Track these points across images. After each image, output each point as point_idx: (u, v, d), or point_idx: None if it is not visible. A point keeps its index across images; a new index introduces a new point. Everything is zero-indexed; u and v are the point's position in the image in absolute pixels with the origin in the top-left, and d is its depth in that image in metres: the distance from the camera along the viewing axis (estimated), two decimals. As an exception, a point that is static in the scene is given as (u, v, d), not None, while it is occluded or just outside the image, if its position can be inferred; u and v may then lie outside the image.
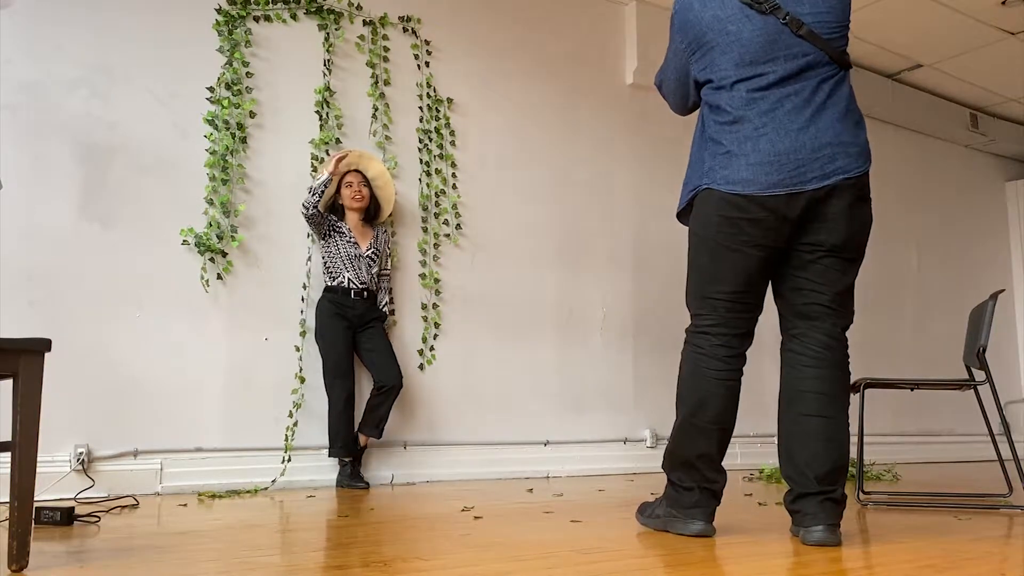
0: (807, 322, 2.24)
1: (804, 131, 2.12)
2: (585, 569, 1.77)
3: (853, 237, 2.20)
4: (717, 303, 2.25)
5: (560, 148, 5.02)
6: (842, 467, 2.15)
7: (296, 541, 2.22)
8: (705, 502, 2.24)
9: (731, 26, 2.20)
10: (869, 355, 6.34)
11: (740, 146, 2.16)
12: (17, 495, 1.73)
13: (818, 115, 2.14)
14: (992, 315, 3.22)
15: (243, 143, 3.99)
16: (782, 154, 2.12)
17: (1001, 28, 5.68)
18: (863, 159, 2.17)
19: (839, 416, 2.18)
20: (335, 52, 4.33)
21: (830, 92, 2.18)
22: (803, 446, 2.16)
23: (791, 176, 2.11)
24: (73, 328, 3.49)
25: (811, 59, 2.17)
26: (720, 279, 2.23)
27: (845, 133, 2.15)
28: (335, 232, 4.02)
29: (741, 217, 2.16)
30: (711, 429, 2.22)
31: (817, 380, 2.19)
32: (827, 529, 2.11)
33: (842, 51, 2.23)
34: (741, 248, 2.18)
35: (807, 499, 2.14)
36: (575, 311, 4.93)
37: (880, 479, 4.34)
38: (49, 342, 1.80)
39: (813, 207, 2.15)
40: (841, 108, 2.17)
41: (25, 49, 3.57)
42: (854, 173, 2.14)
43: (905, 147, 6.97)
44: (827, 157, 2.12)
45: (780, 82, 2.16)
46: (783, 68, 2.16)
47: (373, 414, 3.94)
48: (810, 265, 2.21)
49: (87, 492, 3.34)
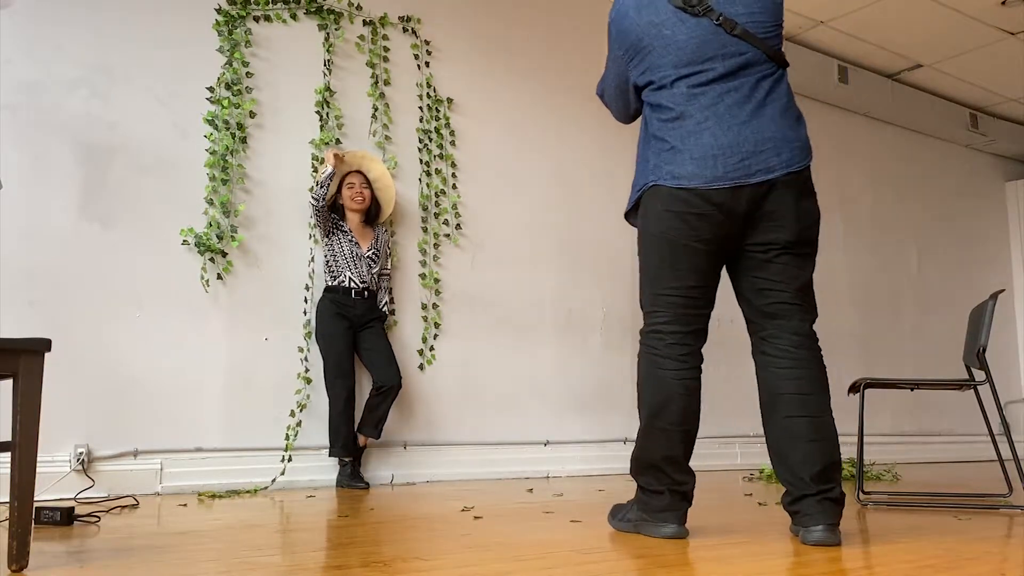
0: (774, 322, 2.23)
1: (746, 125, 2.15)
2: (585, 569, 1.77)
3: (804, 232, 2.20)
4: (670, 300, 2.24)
5: (560, 148, 5.02)
6: (835, 464, 2.14)
7: (296, 541, 2.22)
8: (675, 505, 2.23)
9: (666, 30, 2.24)
10: (869, 355, 6.35)
11: (683, 141, 2.18)
12: (17, 495, 1.73)
13: (759, 111, 2.17)
14: (992, 315, 3.22)
15: (243, 143, 3.99)
16: (725, 148, 2.14)
17: (1001, 28, 5.68)
18: (804, 154, 2.20)
19: (824, 414, 2.17)
20: (335, 52, 4.33)
21: (769, 89, 2.20)
22: (793, 448, 2.15)
23: (735, 169, 2.13)
24: (73, 328, 3.49)
25: (748, 57, 2.20)
26: (671, 275, 2.23)
27: (786, 129, 2.18)
28: (338, 231, 4.02)
29: (688, 212, 2.17)
30: (674, 431, 2.21)
31: (796, 381, 2.18)
32: (827, 529, 2.10)
33: (777, 50, 2.25)
34: (690, 243, 2.19)
35: (805, 500, 2.14)
36: (575, 311, 4.93)
37: (880, 479, 4.34)
38: (49, 342, 1.80)
39: (759, 203, 2.16)
40: (781, 104, 2.20)
41: (25, 49, 3.57)
42: (796, 167, 2.16)
43: (905, 147, 6.97)
44: (770, 152, 2.14)
45: (720, 79, 2.18)
46: (722, 66, 2.19)
47: (372, 414, 3.95)
48: (767, 265, 2.21)
49: (87, 492, 3.34)
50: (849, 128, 6.60)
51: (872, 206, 6.64)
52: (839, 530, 2.14)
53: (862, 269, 6.47)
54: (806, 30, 5.75)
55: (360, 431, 3.95)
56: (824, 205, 6.85)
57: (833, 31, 5.76)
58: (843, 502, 2.15)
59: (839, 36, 5.83)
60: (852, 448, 3.53)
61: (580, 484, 4.12)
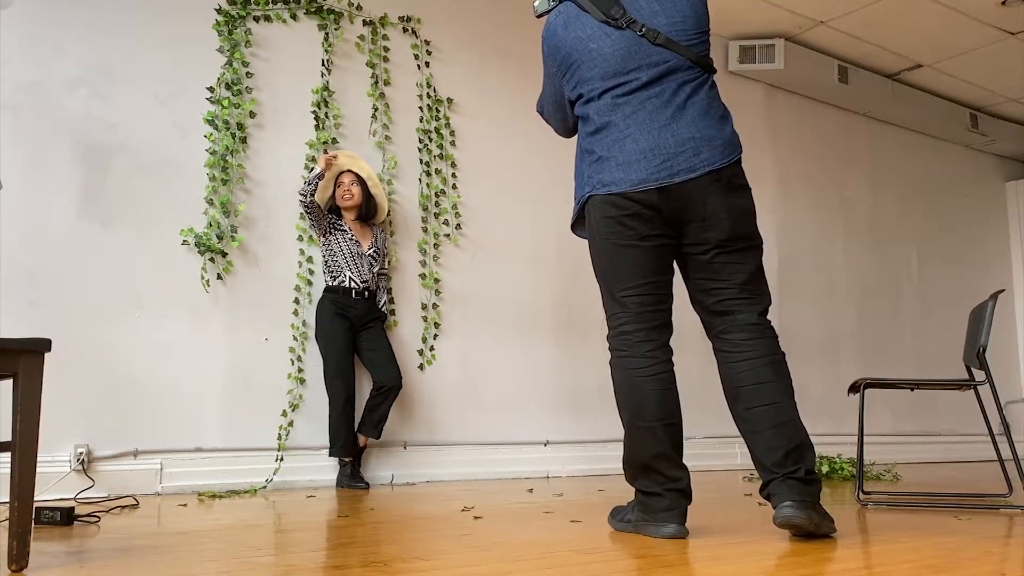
0: (723, 318, 2.27)
1: (666, 128, 2.22)
2: (585, 569, 1.77)
3: (737, 227, 2.24)
4: (627, 300, 2.29)
5: (560, 148, 5.01)
6: (797, 447, 2.15)
7: (296, 541, 2.22)
8: (675, 504, 2.24)
9: (592, 44, 2.31)
10: (869, 355, 6.35)
11: (608, 150, 2.26)
12: (17, 495, 1.73)
13: (679, 113, 2.23)
14: (992, 315, 3.22)
15: (243, 143, 3.99)
16: (646, 151, 2.21)
17: (1001, 28, 5.68)
18: (729, 150, 2.24)
19: (782, 400, 2.19)
20: (335, 52, 4.33)
21: (691, 92, 2.26)
22: (755, 438, 2.19)
23: (658, 170, 2.19)
24: (73, 328, 3.49)
25: (671, 64, 2.27)
26: (623, 277, 2.29)
27: (708, 128, 2.24)
28: (336, 230, 4.02)
29: (622, 214, 2.24)
30: (657, 427, 2.24)
31: (750, 372, 2.21)
32: (795, 505, 2.10)
33: (702, 55, 2.31)
34: (631, 243, 2.25)
35: (772, 483, 2.16)
36: (575, 311, 4.92)
37: (880, 479, 4.34)
38: (49, 342, 1.80)
39: (687, 203, 2.21)
40: (702, 106, 2.26)
41: (25, 49, 3.57)
42: (719, 164, 2.21)
43: (905, 147, 6.97)
44: (691, 151, 2.20)
45: (643, 87, 2.26)
46: (645, 75, 2.26)
47: (372, 414, 3.95)
48: (707, 265, 2.26)
49: (87, 492, 3.34)
50: (849, 128, 6.59)
51: (872, 206, 6.64)
52: (816, 511, 2.13)
53: (862, 269, 6.47)
54: (806, 30, 5.75)
55: (360, 431, 3.95)
56: (824, 205, 6.87)
57: (833, 31, 5.76)
58: (813, 481, 2.15)
59: (839, 36, 5.83)
60: (852, 448, 3.54)
61: (580, 484, 4.12)
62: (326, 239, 4.02)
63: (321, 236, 4.03)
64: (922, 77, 6.51)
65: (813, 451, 2.21)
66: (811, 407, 5.79)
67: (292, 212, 4.10)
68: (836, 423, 5.73)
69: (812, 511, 2.12)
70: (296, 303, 4.04)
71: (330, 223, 4.03)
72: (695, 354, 3.28)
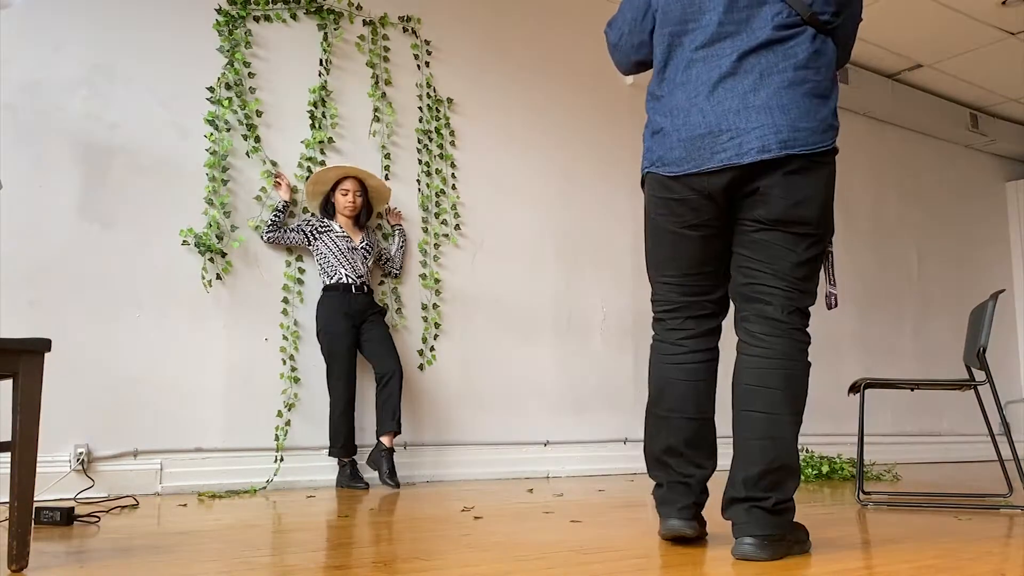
0: (751, 305, 2.00)
1: (742, 98, 1.95)
2: (585, 569, 1.77)
3: (793, 210, 1.94)
4: (666, 287, 2.12)
5: (560, 148, 5.02)
6: (777, 469, 1.89)
7: (296, 541, 2.22)
8: (674, 498, 2.05)
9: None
10: (869, 355, 6.35)
11: (672, 120, 2.02)
12: (17, 495, 1.73)
13: (761, 82, 1.94)
14: (992, 315, 3.22)
15: (257, 142, 4.00)
16: (713, 127, 1.95)
17: (1001, 28, 5.68)
18: (814, 137, 1.94)
19: (780, 412, 1.92)
20: (335, 52, 4.33)
21: (783, 56, 1.96)
22: (737, 446, 1.95)
23: (723, 149, 1.94)
24: (73, 328, 3.49)
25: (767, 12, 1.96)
26: (664, 263, 2.11)
27: (793, 108, 1.93)
28: (321, 233, 4.00)
29: (671, 197, 2.03)
30: (673, 418, 2.05)
31: (756, 372, 1.95)
32: (756, 543, 1.86)
33: (815, 9, 1.99)
34: (676, 229, 2.05)
35: (735, 506, 1.92)
36: (575, 311, 4.93)
37: (880, 479, 4.34)
38: (49, 342, 1.80)
39: (747, 181, 1.95)
40: (793, 77, 1.95)
41: (25, 49, 3.57)
42: (797, 150, 1.91)
43: (905, 147, 6.98)
44: (769, 129, 1.91)
45: (727, 37, 1.98)
46: (733, 22, 1.98)
47: (385, 408, 3.90)
48: (750, 241, 1.99)
49: (87, 492, 3.34)
50: (849, 128, 6.59)
51: (872, 206, 6.64)
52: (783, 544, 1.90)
53: (862, 269, 6.47)
54: (806, 30, 5.75)
55: (380, 433, 3.89)
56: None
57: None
58: (784, 512, 1.91)
59: (839, 36, 5.83)
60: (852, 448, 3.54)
61: (580, 484, 4.12)
62: (314, 244, 4.02)
63: (308, 245, 4.03)
64: (922, 77, 6.51)
65: (797, 478, 1.95)
66: (811, 407, 5.78)
67: (293, 212, 4.11)
68: (836, 423, 5.73)
69: (778, 545, 1.88)
70: (286, 303, 4.04)
71: (313, 228, 4.02)
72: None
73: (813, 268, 2.00)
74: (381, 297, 4.28)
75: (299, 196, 4.13)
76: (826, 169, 1.97)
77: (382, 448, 3.87)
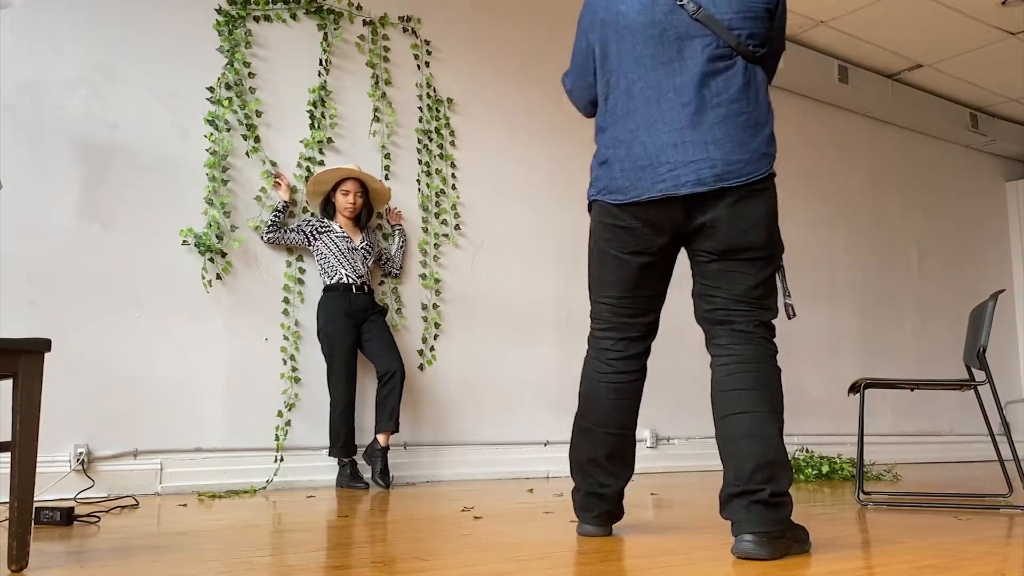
0: (719, 327, 2.09)
1: (680, 132, 2.03)
2: (585, 569, 1.77)
3: (741, 239, 2.02)
4: (603, 307, 2.23)
5: (560, 147, 5.02)
6: (768, 464, 1.92)
7: (296, 541, 2.22)
8: (590, 506, 2.23)
9: (621, 5, 2.13)
10: (869, 355, 6.35)
11: (615, 150, 2.12)
12: (17, 495, 1.73)
13: (700, 114, 2.02)
14: (992, 315, 3.22)
15: (257, 142, 4.00)
16: (653, 158, 2.04)
17: (1001, 28, 5.68)
18: (751, 167, 2.01)
19: (760, 409, 1.97)
20: (335, 52, 4.33)
21: (722, 88, 2.02)
22: (725, 447, 1.99)
23: (663, 180, 2.02)
24: (73, 328, 3.49)
25: (702, 44, 2.03)
26: (604, 284, 2.21)
27: (730, 139, 2.01)
28: (322, 233, 4.00)
29: (616, 224, 2.13)
30: (597, 431, 2.20)
31: (731, 377, 2.03)
32: (756, 540, 1.88)
33: (745, 41, 2.04)
34: (620, 254, 2.15)
35: (733, 503, 1.95)
36: (575, 311, 4.92)
37: (880, 479, 4.34)
38: (49, 342, 1.80)
39: (692, 214, 2.03)
40: (732, 107, 2.02)
41: (25, 49, 3.57)
42: (734, 183, 1.99)
43: (905, 147, 6.98)
44: (705, 163, 1.99)
45: (664, 72, 2.05)
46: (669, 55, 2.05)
47: (384, 407, 3.91)
48: (707, 272, 2.09)
49: (87, 492, 3.34)
50: (849, 128, 6.60)
51: (872, 206, 6.64)
52: (783, 541, 1.92)
53: (862, 269, 6.47)
54: (806, 30, 5.75)
55: (378, 431, 3.90)
56: (824, 205, 6.86)
57: (833, 31, 5.76)
58: (782, 508, 1.92)
59: (839, 36, 5.83)
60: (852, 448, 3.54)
61: (580, 484, 4.11)
62: (314, 244, 4.02)
63: (308, 245, 4.03)
64: (922, 77, 6.51)
65: (790, 473, 1.97)
66: (811, 407, 5.80)
67: (293, 212, 4.11)
68: (836, 423, 5.73)
69: (778, 542, 1.90)
70: (286, 303, 4.04)
71: (313, 229, 4.02)
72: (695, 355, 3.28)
73: (769, 286, 2.10)
74: (381, 297, 4.29)
75: (299, 196, 4.14)
76: (765, 195, 2.06)
77: (377, 446, 3.89)
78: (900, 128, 6.93)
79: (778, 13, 2.13)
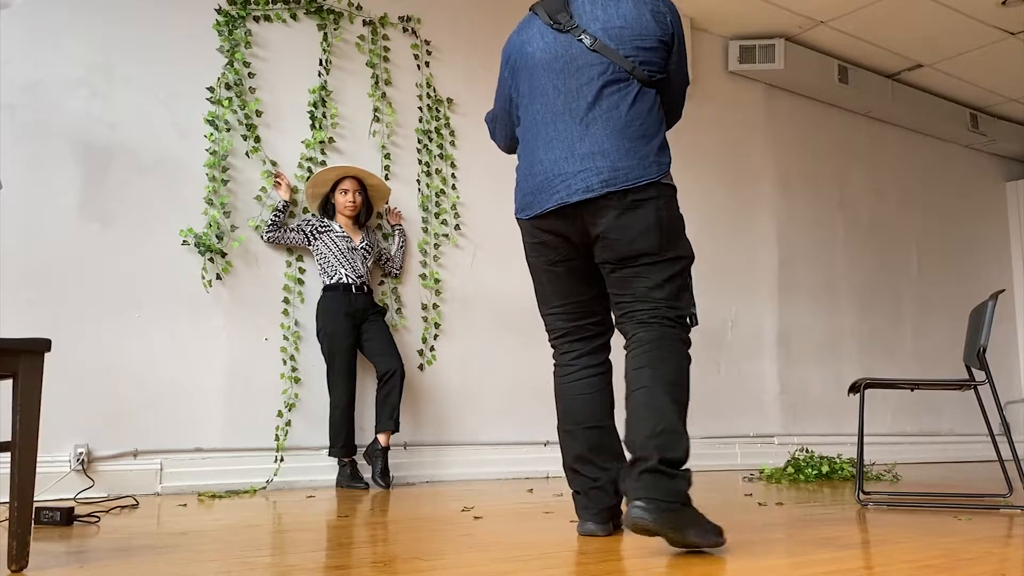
0: (627, 325, 2.17)
1: (572, 146, 2.17)
2: (585, 569, 1.77)
3: (632, 247, 2.08)
4: (552, 317, 2.34)
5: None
6: (660, 433, 1.93)
7: (296, 541, 2.22)
8: (589, 504, 2.28)
9: (529, 47, 2.31)
10: (869, 355, 6.35)
11: (521, 170, 2.37)
12: (17, 495, 1.73)
13: (589, 128, 2.14)
14: (992, 315, 3.22)
15: (257, 142, 4.00)
16: (548, 173, 2.20)
17: (1001, 28, 5.68)
18: (636, 172, 2.08)
19: (653, 385, 2.01)
20: (335, 52, 4.33)
21: (613, 105, 2.14)
22: (627, 424, 2.04)
23: (558, 191, 2.15)
24: (73, 328, 3.49)
25: (597, 71, 2.15)
26: (544, 298, 2.34)
27: (617, 147, 2.10)
28: (321, 233, 4.01)
29: (533, 241, 2.29)
30: (576, 430, 2.29)
31: (635, 359, 2.09)
32: (645, 506, 1.87)
33: (639, 64, 2.15)
34: (546, 267, 2.28)
35: (625, 474, 1.99)
36: (575, 311, 4.92)
37: (880, 479, 4.34)
38: (49, 342, 1.80)
39: (588, 224, 2.13)
40: (621, 121, 2.12)
41: (25, 49, 3.57)
42: (618, 187, 2.06)
43: (905, 147, 6.97)
44: (592, 171, 2.10)
45: (564, 97, 2.20)
46: (570, 83, 2.20)
47: (384, 406, 3.91)
48: (612, 281, 2.18)
49: (87, 492, 3.34)
50: (849, 128, 6.59)
51: (872, 206, 6.64)
52: (677, 515, 1.88)
53: (862, 269, 6.47)
54: (806, 30, 5.75)
55: (378, 431, 3.91)
56: (824, 205, 6.85)
57: (833, 31, 5.76)
58: (674, 478, 1.92)
59: (839, 36, 5.83)
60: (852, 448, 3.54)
61: (580, 484, 4.11)
62: (314, 244, 4.02)
63: (308, 245, 4.03)
64: (922, 77, 6.51)
65: (683, 444, 1.96)
66: (811, 407, 5.80)
67: (293, 212, 4.11)
68: (836, 423, 5.73)
69: (671, 515, 1.87)
70: (286, 303, 4.04)
71: (313, 228, 4.02)
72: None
73: (671, 288, 2.13)
74: (381, 297, 4.29)
75: (299, 196, 4.14)
76: (654, 203, 2.10)
77: (377, 446, 3.89)
78: (900, 128, 6.93)
79: (675, 47, 2.24)
